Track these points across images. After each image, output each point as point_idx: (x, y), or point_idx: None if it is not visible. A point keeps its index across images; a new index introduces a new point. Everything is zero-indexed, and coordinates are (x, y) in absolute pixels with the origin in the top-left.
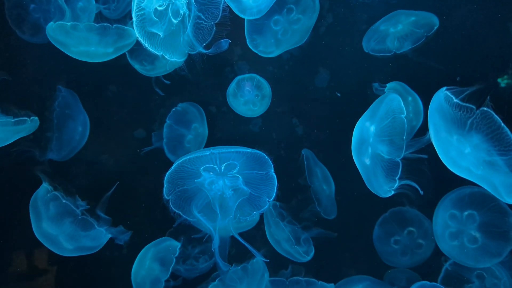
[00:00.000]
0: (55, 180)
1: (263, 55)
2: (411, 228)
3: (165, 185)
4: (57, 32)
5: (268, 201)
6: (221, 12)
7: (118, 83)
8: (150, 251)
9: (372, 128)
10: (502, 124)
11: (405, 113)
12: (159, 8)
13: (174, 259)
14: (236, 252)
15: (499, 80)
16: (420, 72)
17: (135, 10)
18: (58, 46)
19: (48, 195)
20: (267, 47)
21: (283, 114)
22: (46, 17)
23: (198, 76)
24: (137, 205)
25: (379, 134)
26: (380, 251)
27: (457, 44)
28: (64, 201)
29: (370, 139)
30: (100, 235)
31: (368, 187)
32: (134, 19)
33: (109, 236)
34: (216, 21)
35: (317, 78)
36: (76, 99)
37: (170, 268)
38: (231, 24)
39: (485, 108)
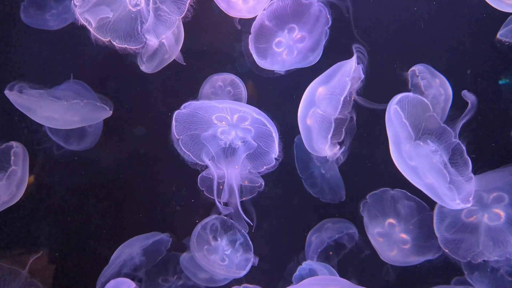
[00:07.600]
0: None
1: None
2: (391, 220)
3: (174, 124)
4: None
5: (275, 159)
6: (186, 8)
7: (117, 80)
8: (140, 240)
9: (320, 89)
10: (434, 161)
11: (350, 76)
12: None
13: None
14: None
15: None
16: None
17: None
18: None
19: None
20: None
21: (283, 113)
22: (53, 23)
23: (198, 73)
24: (137, 204)
25: (324, 93)
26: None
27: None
28: None
29: (315, 98)
30: None
31: (306, 146)
32: (76, 2)
33: None
34: (181, 16)
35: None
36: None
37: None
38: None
39: (420, 143)
